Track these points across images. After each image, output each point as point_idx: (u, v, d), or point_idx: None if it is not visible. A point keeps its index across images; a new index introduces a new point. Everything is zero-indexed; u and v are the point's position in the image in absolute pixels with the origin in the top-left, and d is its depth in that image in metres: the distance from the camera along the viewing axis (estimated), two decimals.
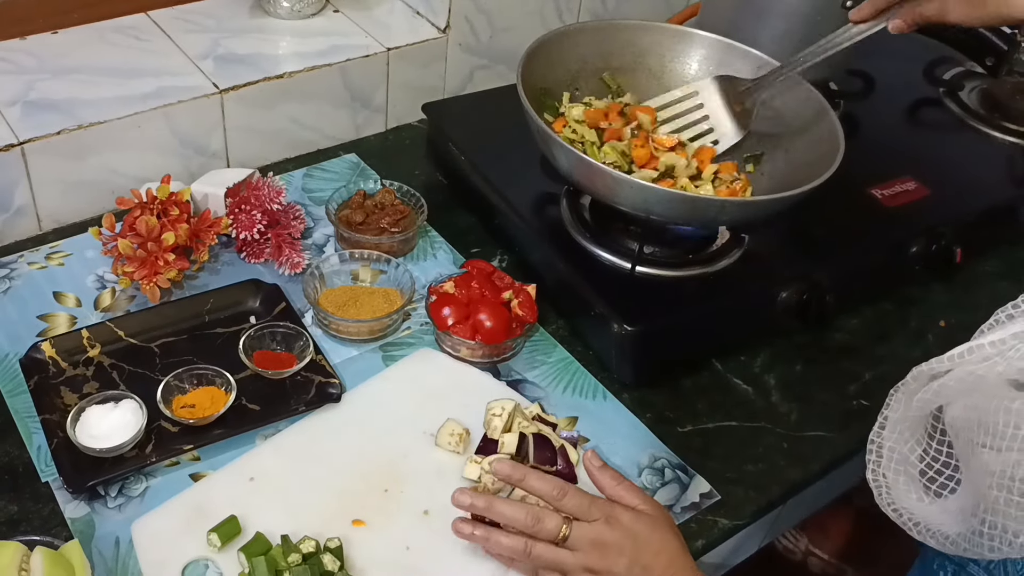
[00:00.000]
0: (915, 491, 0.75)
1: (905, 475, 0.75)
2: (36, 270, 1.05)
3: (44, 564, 0.73)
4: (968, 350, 0.67)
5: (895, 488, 0.75)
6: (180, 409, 0.90)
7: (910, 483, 0.75)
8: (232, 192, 1.08)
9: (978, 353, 0.66)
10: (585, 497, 0.79)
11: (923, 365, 0.70)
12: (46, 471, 0.86)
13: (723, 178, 1.04)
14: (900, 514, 0.76)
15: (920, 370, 0.70)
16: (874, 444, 0.76)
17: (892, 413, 0.74)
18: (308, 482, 0.87)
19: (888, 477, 0.76)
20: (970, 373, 0.66)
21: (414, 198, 1.13)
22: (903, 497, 0.75)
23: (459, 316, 0.98)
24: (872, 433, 0.76)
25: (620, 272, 1.00)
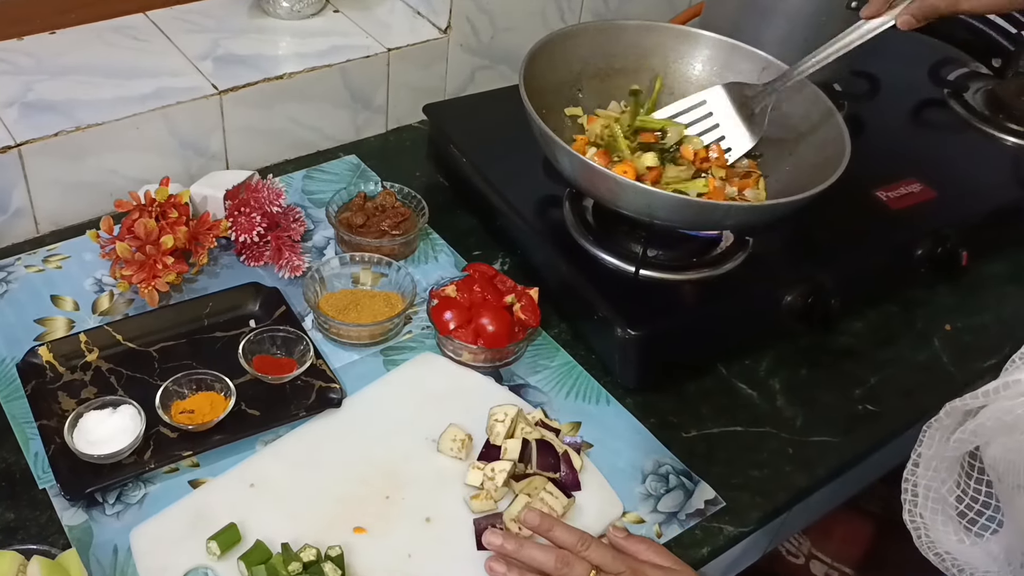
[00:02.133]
0: (954, 532, 0.72)
1: (943, 515, 0.72)
2: (33, 273, 1.04)
3: (41, 573, 0.72)
4: (1004, 385, 0.64)
5: (934, 529, 0.73)
6: (179, 415, 0.89)
7: (948, 523, 0.72)
8: (231, 194, 1.07)
9: (1015, 389, 0.64)
10: (609, 550, 0.79)
11: (956, 401, 0.68)
12: (43, 478, 0.85)
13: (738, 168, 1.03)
14: (943, 558, 0.73)
15: (954, 406, 0.68)
16: (908, 483, 0.73)
17: (926, 451, 0.71)
18: (309, 489, 0.86)
19: (925, 517, 0.73)
20: (1008, 412, 0.64)
21: (415, 200, 1.12)
22: (943, 539, 0.73)
23: (461, 320, 0.97)
24: (906, 471, 0.73)
25: (623, 275, 0.99)
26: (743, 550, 0.93)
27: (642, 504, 0.88)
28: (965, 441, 0.67)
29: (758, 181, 1.04)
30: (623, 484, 0.89)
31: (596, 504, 0.87)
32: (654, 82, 1.11)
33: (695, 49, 1.11)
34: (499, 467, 0.86)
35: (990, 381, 0.65)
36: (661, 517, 0.87)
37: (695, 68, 1.11)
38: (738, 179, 1.03)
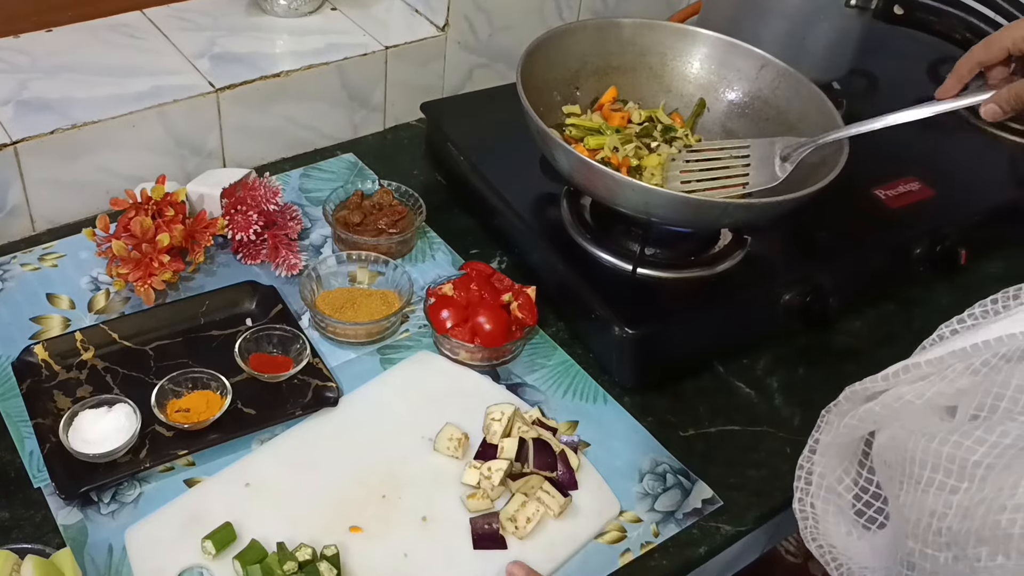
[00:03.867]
0: (844, 524, 0.70)
1: (835, 506, 0.70)
2: (29, 271, 1.04)
3: (35, 573, 0.71)
4: (904, 368, 0.62)
5: (823, 521, 0.70)
6: (175, 413, 0.89)
7: (840, 516, 0.70)
8: (228, 192, 1.06)
9: (914, 372, 0.61)
10: None
11: (857, 384, 0.65)
12: (38, 477, 0.85)
13: None
14: (823, 552, 0.71)
15: (853, 389, 0.65)
16: (803, 470, 0.71)
17: (824, 436, 0.68)
18: (305, 488, 0.85)
19: (817, 508, 0.71)
20: (898, 398, 0.61)
21: (412, 198, 1.11)
22: (831, 531, 0.70)
23: (458, 319, 0.97)
24: (801, 458, 0.71)
25: (621, 274, 0.98)
26: (741, 550, 0.93)
27: (639, 503, 0.88)
28: (854, 427, 0.65)
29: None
30: (620, 483, 0.89)
31: (593, 503, 0.87)
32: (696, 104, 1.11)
33: (693, 47, 1.11)
34: (496, 466, 0.85)
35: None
36: (658, 516, 0.87)
37: (693, 66, 1.10)
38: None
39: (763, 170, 0.97)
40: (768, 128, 1.04)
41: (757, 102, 1.08)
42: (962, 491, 0.56)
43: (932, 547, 0.58)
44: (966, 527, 0.56)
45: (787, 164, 0.96)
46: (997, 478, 0.55)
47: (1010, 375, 0.56)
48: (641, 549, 0.85)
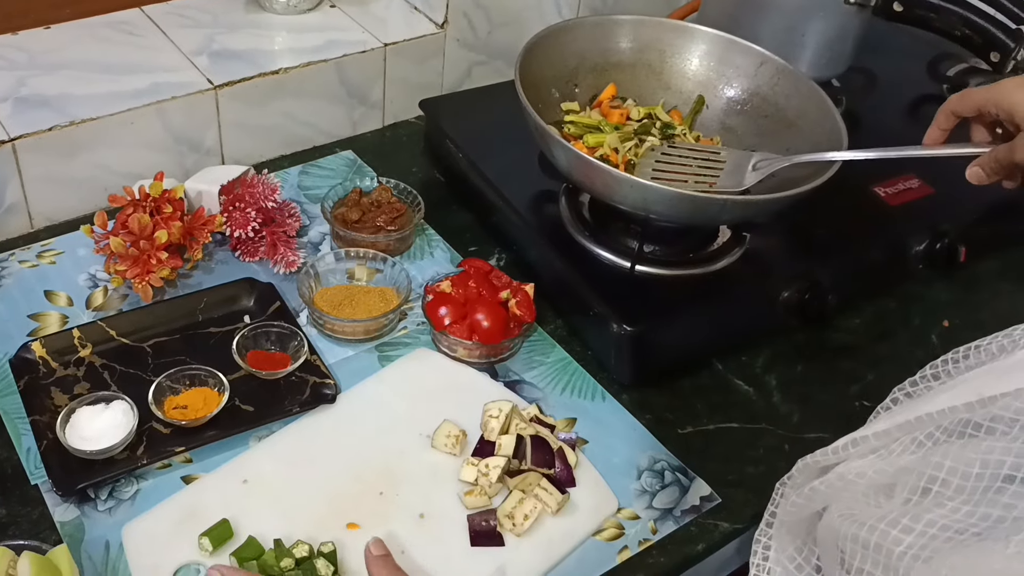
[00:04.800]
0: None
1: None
2: (27, 269, 1.04)
3: (31, 569, 0.71)
4: (852, 441, 0.61)
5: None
6: (172, 410, 0.89)
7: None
8: (226, 189, 1.06)
9: (863, 445, 0.60)
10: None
11: (808, 457, 0.63)
12: (35, 473, 0.85)
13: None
14: None
15: (806, 462, 0.64)
16: (759, 544, 0.69)
17: (779, 511, 0.67)
18: (302, 484, 0.85)
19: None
20: (841, 476, 0.60)
21: (411, 196, 1.11)
22: None
23: (456, 316, 0.96)
24: (758, 531, 0.69)
25: (619, 271, 0.98)
26: (738, 547, 0.92)
27: (637, 500, 0.88)
28: (802, 506, 0.63)
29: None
30: (618, 480, 0.89)
31: (591, 500, 0.86)
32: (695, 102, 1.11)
33: (692, 44, 1.10)
34: (493, 463, 0.85)
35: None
36: (656, 514, 0.87)
37: (692, 63, 1.10)
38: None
39: (733, 175, 0.97)
40: (767, 125, 1.04)
41: (756, 99, 1.08)
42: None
43: None
44: None
45: (756, 173, 0.96)
46: (920, 571, 0.54)
47: (945, 455, 0.55)
48: (639, 546, 0.84)
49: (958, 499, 0.54)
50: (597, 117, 1.06)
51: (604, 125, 1.04)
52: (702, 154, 1.01)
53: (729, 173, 0.97)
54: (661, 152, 1.02)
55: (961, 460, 0.54)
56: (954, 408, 0.55)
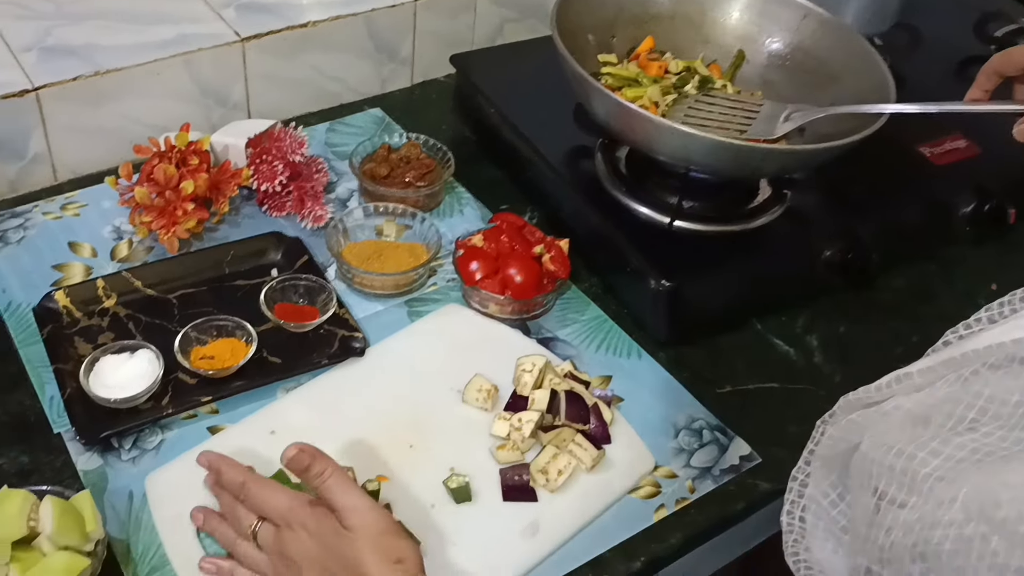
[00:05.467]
0: (831, 541, 0.65)
1: (824, 521, 0.65)
2: (51, 220, 1.02)
3: (54, 513, 0.69)
4: (896, 378, 0.58)
5: (812, 535, 0.66)
6: (199, 360, 0.87)
7: (828, 532, 0.65)
8: (253, 143, 1.04)
9: (906, 382, 0.57)
10: (276, 494, 0.72)
11: (851, 394, 0.61)
12: (58, 422, 0.83)
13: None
14: (799, 566, 0.66)
15: (848, 400, 0.61)
16: (796, 481, 0.67)
17: (818, 448, 0.65)
18: (331, 436, 0.83)
19: (807, 521, 0.66)
20: (879, 409, 0.58)
21: (441, 152, 1.09)
22: (816, 547, 0.66)
23: (488, 270, 0.94)
24: (796, 468, 0.67)
25: (657, 227, 0.95)
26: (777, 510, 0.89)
27: (674, 459, 0.85)
28: (838, 439, 0.61)
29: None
30: (655, 438, 0.86)
31: (627, 458, 0.84)
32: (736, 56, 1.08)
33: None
34: (526, 417, 0.83)
35: None
36: (694, 472, 0.84)
37: (732, 16, 1.07)
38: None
39: (765, 124, 0.94)
40: (810, 81, 1.01)
41: (798, 53, 1.04)
42: (909, 506, 0.53)
43: (876, 563, 0.55)
44: (906, 542, 0.52)
45: (788, 123, 0.93)
46: (941, 491, 0.52)
47: (985, 383, 0.53)
48: (676, 505, 0.82)
49: (992, 425, 0.52)
50: (635, 70, 1.03)
51: (642, 78, 1.01)
52: (735, 104, 0.98)
53: (761, 123, 0.94)
54: (694, 100, 0.98)
55: (1001, 389, 0.53)
56: (1001, 344, 0.53)
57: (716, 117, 0.95)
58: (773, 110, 0.94)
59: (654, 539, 0.79)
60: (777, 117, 0.93)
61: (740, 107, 0.96)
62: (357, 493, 0.70)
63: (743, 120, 0.94)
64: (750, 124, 0.93)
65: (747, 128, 0.93)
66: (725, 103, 0.98)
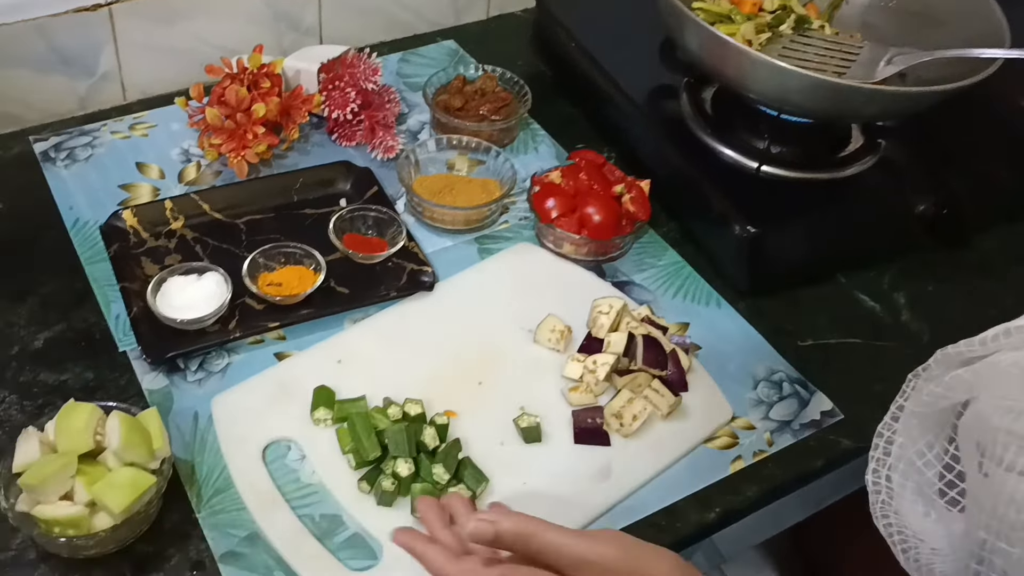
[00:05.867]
0: (922, 503, 0.61)
1: (914, 482, 0.61)
2: (120, 140, 1.00)
3: (121, 428, 0.68)
4: (1005, 332, 0.54)
5: (900, 496, 0.62)
6: (266, 286, 0.85)
7: (918, 493, 0.61)
8: (326, 68, 1.01)
9: (1016, 336, 0.53)
10: (522, 533, 0.59)
11: (950, 347, 0.57)
12: (124, 340, 0.82)
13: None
14: (891, 530, 0.62)
15: (946, 353, 0.57)
16: (881, 438, 0.62)
17: (908, 403, 0.60)
18: (399, 368, 0.81)
19: (894, 481, 0.62)
20: (992, 365, 0.53)
21: (517, 85, 1.05)
22: (906, 509, 0.62)
23: (564, 208, 0.90)
24: (881, 425, 0.62)
25: (743, 171, 0.91)
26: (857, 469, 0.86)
27: (753, 410, 0.82)
28: (940, 396, 0.57)
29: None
30: (733, 389, 0.83)
31: (704, 407, 0.81)
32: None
33: None
34: (601, 360, 0.80)
35: None
36: (773, 425, 0.81)
37: None
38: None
39: (864, 68, 0.89)
40: (914, 24, 0.95)
41: None
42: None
43: (1006, 540, 0.51)
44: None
45: (890, 67, 0.88)
46: None
47: None
48: (753, 457, 0.79)
49: None
50: (727, 6, 0.98)
51: (735, 14, 0.96)
52: (832, 46, 0.93)
53: (860, 65, 0.89)
54: (789, 40, 0.94)
55: None
56: None
57: (811, 58, 0.91)
58: (873, 53, 0.89)
59: (729, 491, 0.76)
60: (878, 61, 0.88)
61: (838, 49, 0.92)
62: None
63: (840, 63, 0.90)
64: (848, 67, 0.88)
65: (844, 71, 0.88)
66: (821, 44, 0.93)
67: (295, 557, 0.69)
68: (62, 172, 0.96)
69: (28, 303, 0.84)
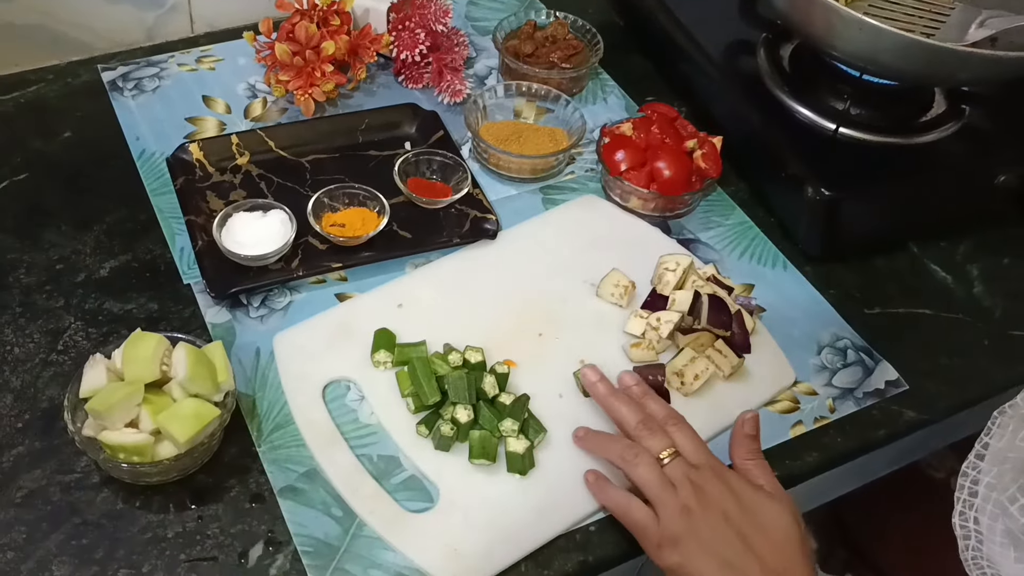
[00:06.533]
0: (1014, 549, 0.58)
1: (1004, 525, 0.59)
2: (186, 72, 1.00)
3: (187, 360, 0.68)
4: None
5: (989, 541, 0.60)
6: (330, 227, 0.85)
7: (1008, 536, 0.59)
8: (396, 7, 0.99)
9: None
10: (695, 439, 0.69)
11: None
12: (188, 273, 0.82)
13: None
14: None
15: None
16: (967, 479, 0.60)
17: (995, 442, 0.58)
18: (460, 315, 0.80)
19: (982, 524, 0.60)
20: None
21: (589, 34, 1.03)
22: (997, 554, 0.59)
23: (634, 162, 0.89)
24: (966, 464, 0.60)
25: (820, 132, 0.89)
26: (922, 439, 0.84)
27: (816, 376, 0.80)
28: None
29: None
30: (797, 353, 0.81)
31: (767, 370, 0.80)
32: None
33: None
34: (665, 317, 0.79)
35: None
36: (836, 392, 0.79)
37: None
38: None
39: (954, 30, 0.86)
40: None
41: None
42: None
43: None
44: None
45: (983, 30, 0.84)
46: None
47: None
48: (814, 423, 0.78)
49: None
50: None
51: None
52: (923, 5, 0.89)
53: (951, 27, 0.86)
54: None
55: None
56: None
57: (899, 17, 0.87)
58: (965, 15, 0.86)
59: (789, 455, 0.76)
60: (969, 23, 0.84)
61: (927, 8, 0.88)
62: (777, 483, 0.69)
63: (929, 23, 0.86)
64: (937, 29, 0.85)
65: (934, 33, 0.85)
66: (910, 3, 0.89)
67: (353, 496, 0.69)
68: (129, 102, 0.96)
69: (94, 231, 0.85)
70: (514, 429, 0.72)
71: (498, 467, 0.71)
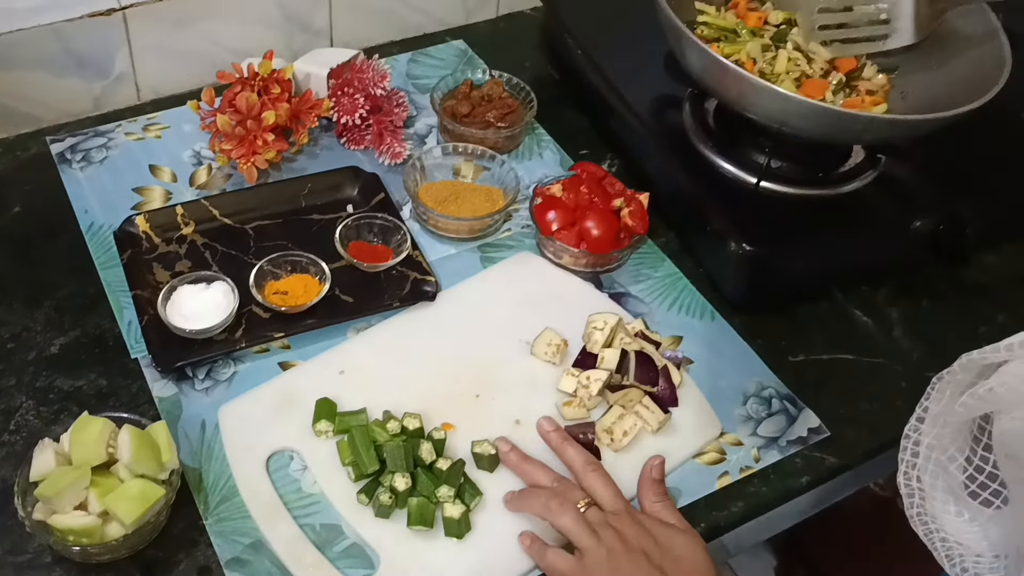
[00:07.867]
0: (955, 504, 0.63)
1: (944, 483, 0.63)
2: (133, 141, 1.03)
3: (131, 442, 0.71)
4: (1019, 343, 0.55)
5: (931, 498, 0.64)
6: (272, 295, 0.88)
7: (949, 493, 0.63)
8: (335, 73, 1.03)
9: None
10: (612, 486, 0.75)
11: (974, 353, 0.58)
12: (136, 347, 0.85)
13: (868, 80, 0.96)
14: (931, 535, 0.64)
15: (971, 358, 0.58)
16: (909, 440, 0.64)
17: (933, 406, 0.62)
18: (399, 380, 0.84)
19: (924, 482, 0.64)
20: (1020, 377, 0.54)
21: (523, 92, 1.06)
22: (939, 511, 0.64)
23: (565, 221, 0.92)
24: (908, 427, 0.64)
25: (742, 186, 0.92)
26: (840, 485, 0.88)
27: (741, 426, 0.84)
28: (972, 407, 0.58)
29: (881, 101, 0.95)
30: (723, 404, 0.85)
31: (693, 422, 0.83)
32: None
33: None
34: (595, 376, 0.82)
35: None
36: (760, 441, 0.83)
37: None
38: (864, 94, 0.95)
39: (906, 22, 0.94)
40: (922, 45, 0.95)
41: None
42: None
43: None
44: None
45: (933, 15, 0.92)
46: None
47: None
48: (740, 473, 0.81)
49: None
50: (733, 19, 0.98)
51: (741, 29, 0.97)
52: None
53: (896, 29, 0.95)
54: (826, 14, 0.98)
55: None
56: None
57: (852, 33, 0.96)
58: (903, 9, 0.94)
59: (716, 506, 0.79)
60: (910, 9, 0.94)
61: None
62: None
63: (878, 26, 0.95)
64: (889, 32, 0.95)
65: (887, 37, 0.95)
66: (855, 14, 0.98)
67: (296, 565, 0.72)
68: (78, 174, 0.99)
69: (44, 308, 0.87)
70: (450, 495, 0.75)
71: (436, 532, 0.75)
